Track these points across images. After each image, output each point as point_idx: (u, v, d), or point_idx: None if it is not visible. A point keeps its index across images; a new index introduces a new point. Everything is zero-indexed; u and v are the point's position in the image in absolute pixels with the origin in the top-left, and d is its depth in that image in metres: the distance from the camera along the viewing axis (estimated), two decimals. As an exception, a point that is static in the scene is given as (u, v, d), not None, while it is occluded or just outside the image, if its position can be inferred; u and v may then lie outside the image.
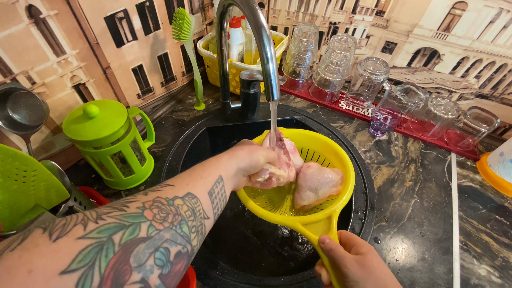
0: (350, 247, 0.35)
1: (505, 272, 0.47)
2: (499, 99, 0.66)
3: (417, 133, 0.68)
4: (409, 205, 0.55)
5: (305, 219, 0.40)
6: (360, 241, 0.35)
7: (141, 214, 0.22)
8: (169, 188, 0.26)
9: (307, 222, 0.40)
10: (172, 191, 0.26)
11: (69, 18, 0.46)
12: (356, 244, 0.34)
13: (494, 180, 0.59)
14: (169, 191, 0.26)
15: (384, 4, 0.66)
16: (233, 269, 0.45)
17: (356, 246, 0.34)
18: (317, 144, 0.52)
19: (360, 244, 0.34)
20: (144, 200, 0.23)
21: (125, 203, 0.22)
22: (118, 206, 0.22)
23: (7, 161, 0.30)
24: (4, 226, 0.34)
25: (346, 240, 0.36)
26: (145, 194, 0.25)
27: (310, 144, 0.53)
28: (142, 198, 0.24)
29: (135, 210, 0.22)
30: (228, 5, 0.44)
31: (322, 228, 0.39)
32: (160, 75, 0.69)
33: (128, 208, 0.22)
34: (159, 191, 0.25)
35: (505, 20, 0.57)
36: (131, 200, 0.23)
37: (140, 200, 0.23)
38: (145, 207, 0.22)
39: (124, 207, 0.22)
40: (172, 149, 0.61)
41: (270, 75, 0.36)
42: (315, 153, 0.53)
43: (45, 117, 0.44)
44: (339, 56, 0.65)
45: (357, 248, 0.34)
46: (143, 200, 0.23)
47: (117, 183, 0.54)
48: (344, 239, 0.37)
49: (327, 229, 0.39)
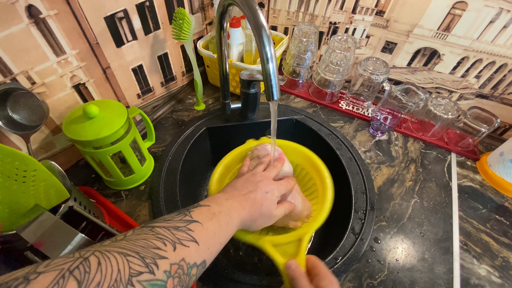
0: (314, 276, 0.34)
1: (505, 272, 0.47)
2: (499, 99, 0.66)
3: (417, 133, 0.67)
4: (409, 205, 0.55)
5: (275, 239, 0.40)
6: (324, 272, 0.34)
7: (165, 285, 0.22)
8: (193, 246, 0.26)
9: (277, 243, 0.40)
10: (196, 253, 0.26)
11: (69, 18, 0.46)
12: (319, 274, 0.34)
13: (494, 180, 0.59)
14: (193, 251, 0.26)
15: (384, 4, 0.66)
16: (233, 269, 0.45)
17: (318, 278, 0.34)
18: (300, 157, 0.52)
19: (323, 276, 0.34)
20: (173, 260, 0.23)
21: (156, 257, 0.22)
22: (149, 259, 0.22)
23: (7, 161, 0.30)
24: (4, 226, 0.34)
25: (312, 267, 0.36)
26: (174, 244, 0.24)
27: (295, 156, 0.53)
28: (171, 256, 0.23)
29: (162, 277, 0.22)
30: (228, 5, 0.44)
31: (291, 251, 0.39)
32: (160, 75, 0.69)
33: (158, 269, 0.22)
34: (185, 248, 0.25)
35: (505, 20, 0.57)
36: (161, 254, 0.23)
37: (170, 258, 0.23)
38: (170, 274, 0.22)
39: (153, 266, 0.21)
40: (172, 149, 0.61)
41: (270, 75, 0.36)
42: (297, 165, 0.53)
43: (45, 117, 0.44)
44: (339, 56, 0.65)
45: (318, 280, 0.33)
46: (172, 259, 0.23)
47: (117, 183, 0.54)
48: (310, 266, 0.36)
49: (295, 252, 0.38)
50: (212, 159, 0.77)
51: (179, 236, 0.25)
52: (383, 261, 0.47)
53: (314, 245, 0.62)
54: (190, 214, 0.29)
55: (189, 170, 0.63)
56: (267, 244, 0.39)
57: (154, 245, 0.23)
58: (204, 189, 0.74)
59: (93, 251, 0.20)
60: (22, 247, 0.34)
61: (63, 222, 0.34)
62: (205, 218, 0.29)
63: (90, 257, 0.19)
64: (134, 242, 0.23)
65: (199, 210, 0.30)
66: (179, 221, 0.27)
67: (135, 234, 0.24)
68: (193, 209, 0.30)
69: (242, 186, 0.38)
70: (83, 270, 0.18)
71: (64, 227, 0.34)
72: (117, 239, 0.23)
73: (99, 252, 0.20)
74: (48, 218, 0.34)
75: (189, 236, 0.26)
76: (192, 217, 0.28)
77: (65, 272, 0.18)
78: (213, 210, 0.31)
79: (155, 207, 0.52)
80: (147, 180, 0.57)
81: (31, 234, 0.33)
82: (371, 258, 0.47)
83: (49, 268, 0.18)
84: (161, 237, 0.24)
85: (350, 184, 0.56)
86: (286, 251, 0.39)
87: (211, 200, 0.33)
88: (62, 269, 0.18)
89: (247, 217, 0.34)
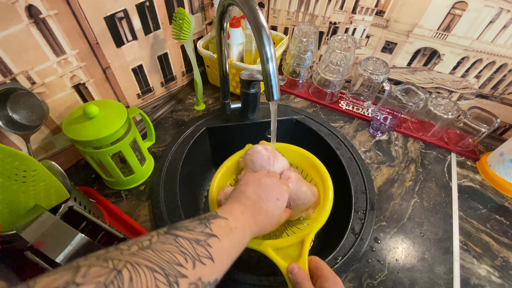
0: (317, 277, 0.34)
1: (505, 272, 0.47)
2: (499, 99, 0.66)
3: (417, 133, 0.67)
4: (409, 205, 0.55)
5: (276, 243, 0.40)
6: (327, 274, 0.34)
7: None
8: (210, 265, 0.26)
9: (279, 246, 0.39)
10: (211, 272, 0.26)
11: (69, 18, 0.46)
12: (322, 276, 0.34)
13: (494, 180, 0.59)
14: (208, 269, 0.26)
15: (384, 4, 0.66)
16: (233, 269, 0.45)
17: (321, 279, 0.33)
18: (300, 158, 0.52)
19: (326, 277, 0.33)
20: (191, 279, 0.23)
21: (178, 276, 0.22)
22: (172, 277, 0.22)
23: (7, 161, 0.30)
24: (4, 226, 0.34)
25: (314, 269, 0.36)
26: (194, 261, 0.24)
27: (294, 158, 0.53)
28: (191, 274, 0.24)
29: None
30: (228, 5, 0.44)
31: (293, 253, 0.38)
32: (160, 75, 0.69)
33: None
34: (203, 266, 0.25)
35: (505, 20, 0.57)
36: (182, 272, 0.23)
37: (189, 276, 0.23)
38: None
39: (175, 285, 0.22)
40: (172, 149, 0.61)
41: (270, 75, 0.36)
42: (298, 167, 0.53)
43: (45, 117, 0.44)
44: (339, 56, 0.65)
45: (322, 282, 0.33)
46: (191, 279, 0.23)
47: (117, 183, 0.54)
48: (312, 268, 0.36)
49: (298, 254, 0.38)
50: (212, 159, 0.77)
51: (199, 251, 0.26)
52: (383, 261, 0.47)
53: (314, 245, 0.62)
54: (210, 226, 0.29)
55: (189, 170, 0.63)
56: (268, 248, 0.39)
57: (177, 261, 0.23)
58: (204, 189, 0.74)
59: (125, 262, 0.21)
60: (22, 247, 0.34)
61: (63, 222, 0.34)
62: (223, 234, 0.29)
63: (123, 271, 0.20)
64: (160, 254, 0.23)
65: (218, 223, 0.30)
66: (200, 234, 0.27)
67: (160, 242, 0.24)
68: (213, 221, 0.30)
69: (254, 193, 0.37)
70: (117, 286, 0.19)
71: (64, 227, 0.34)
72: (143, 245, 0.23)
73: (130, 265, 0.21)
74: (48, 218, 0.34)
75: (207, 252, 0.26)
76: (212, 231, 0.28)
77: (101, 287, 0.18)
78: (230, 225, 0.31)
79: (155, 207, 0.52)
80: (147, 180, 0.57)
81: (31, 234, 0.33)
82: (371, 258, 0.47)
83: (86, 280, 0.18)
84: (184, 252, 0.25)
85: (350, 184, 0.56)
86: (289, 254, 0.38)
87: (228, 211, 0.33)
88: (99, 283, 0.18)
89: (258, 231, 0.35)
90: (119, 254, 0.22)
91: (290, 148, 0.53)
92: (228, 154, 0.53)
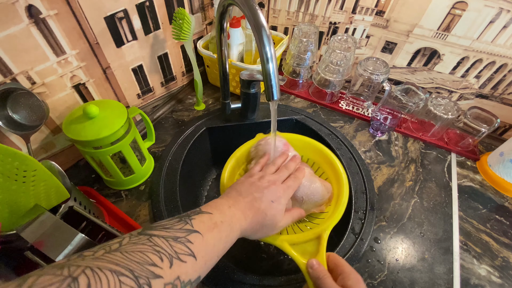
0: (337, 274, 0.33)
1: (505, 272, 0.47)
2: (499, 99, 0.66)
3: (417, 133, 0.67)
4: (409, 205, 0.55)
5: (293, 238, 0.39)
6: (348, 270, 0.33)
7: None
8: (191, 262, 0.25)
9: (295, 242, 0.38)
10: (192, 269, 0.25)
11: (69, 18, 0.46)
12: (343, 273, 0.33)
13: (494, 180, 0.59)
14: (189, 267, 0.24)
15: (384, 4, 0.66)
16: (233, 269, 0.45)
17: (343, 276, 0.33)
18: (313, 152, 0.51)
19: (348, 273, 0.33)
20: (168, 279, 0.22)
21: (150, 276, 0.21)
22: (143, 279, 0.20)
23: (7, 161, 0.30)
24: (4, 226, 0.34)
25: (334, 265, 0.35)
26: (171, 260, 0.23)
27: (306, 151, 0.51)
28: (167, 274, 0.22)
29: None
30: (228, 5, 0.44)
31: (310, 249, 0.38)
32: (160, 75, 0.69)
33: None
34: (182, 264, 0.24)
35: (505, 20, 0.57)
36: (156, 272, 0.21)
37: (165, 276, 0.22)
38: None
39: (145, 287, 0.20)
40: (172, 149, 0.61)
41: (270, 75, 0.36)
42: (309, 160, 0.52)
43: (45, 117, 0.44)
44: (339, 56, 0.65)
45: (344, 279, 0.32)
46: (167, 279, 0.22)
47: (117, 183, 0.54)
48: (331, 264, 0.35)
49: (315, 250, 0.37)
50: (212, 159, 0.77)
51: (177, 249, 0.24)
52: (383, 261, 0.47)
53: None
54: (191, 222, 0.28)
55: (189, 170, 0.63)
56: (285, 243, 0.38)
57: (150, 261, 0.22)
58: (204, 189, 0.74)
59: (84, 267, 0.19)
60: (22, 247, 0.34)
61: (63, 222, 0.34)
62: (206, 228, 0.28)
63: (79, 277, 0.18)
64: (129, 255, 0.21)
65: (200, 218, 0.29)
66: (179, 230, 0.26)
67: (131, 243, 0.23)
68: (194, 217, 0.29)
69: (247, 191, 0.36)
70: None
71: (64, 227, 0.34)
72: (112, 249, 0.22)
73: (90, 270, 0.19)
74: (48, 218, 0.34)
75: (187, 249, 0.25)
76: (193, 226, 0.27)
77: None
78: (215, 219, 0.30)
79: (155, 207, 0.52)
80: (147, 180, 0.57)
81: (31, 234, 0.33)
82: (371, 258, 0.47)
83: None
84: (158, 250, 0.23)
85: (350, 184, 0.56)
86: (306, 250, 0.38)
87: (214, 206, 0.32)
88: None
89: (248, 227, 0.33)
90: (80, 260, 0.20)
91: (303, 139, 0.51)
92: (228, 154, 0.53)
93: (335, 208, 0.42)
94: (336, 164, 0.47)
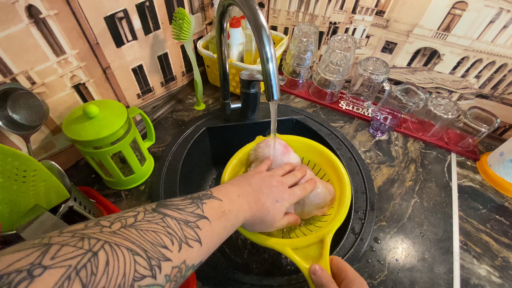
0: (341, 279, 0.33)
1: (505, 272, 0.47)
2: (499, 99, 0.66)
3: (417, 133, 0.67)
4: (409, 205, 0.55)
5: (295, 242, 0.38)
6: (352, 275, 0.33)
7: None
8: (196, 247, 0.25)
9: (298, 246, 0.38)
10: (197, 255, 0.25)
11: (69, 18, 0.46)
12: (347, 277, 0.33)
13: (494, 180, 0.59)
14: (195, 252, 0.25)
15: (384, 4, 0.66)
16: (233, 269, 0.45)
17: (346, 281, 0.32)
18: (314, 153, 0.51)
19: (352, 278, 0.32)
20: (176, 263, 0.23)
21: (161, 258, 0.21)
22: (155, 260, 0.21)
23: (7, 161, 0.30)
24: (4, 226, 0.34)
25: (337, 270, 0.35)
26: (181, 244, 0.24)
27: (306, 153, 0.51)
28: (175, 258, 0.23)
29: (162, 281, 0.21)
30: (228, 5, 0.44)
31: (313, 253, 0.37)
32: (160, 75, 0.69)
33: (160, 273, 0.21)
34: (189, 249, 0.24)
35: (505, 20, 0.57)
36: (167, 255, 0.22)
37: (173, 260, 0.22)
38: (169, 278, 0.22)
39: (157, 269, 0.21)
40: (172, 149, 0.61)
41: (270, 75, 0.36)
42: (310, 162, 0.52)
43: (45, 117, 0.44)
44: (339, 56, 0.65)
45: (348, 284, 0.32)
46: (175, 262, 0.23)
47: (117, 183, 0.54)
48: (335, 268, 0.35)
49: (318, 254, 0.37)
50: (212, 159, 0.77)
51: (187, 233, 0.25)
52: (383, 261, 0.47)
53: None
54: (202, 206, 0.28)
55: (189, 170, 0.63)
56: (287, 248, 0.37)
57: (162, 243, 0.22)
58: (204, 189, 0.74)
59: (104, 242, 0.19)
60: (22, 247, 0.34)
61: (63, 222, 0.34)
62: (214, 216, 0.28)
63: (99, 253, 0.18)
64: (145, 234, 0.22)
65: (211, 203, 0.29)
66: (190, 214, 0.26)
67: (146, 220, 0.23)
68: (206, 201, 0.29)
69: (257, 184, 0.36)
70: (90, 270, 0.17)
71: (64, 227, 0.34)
72: (127, 223, 0.22)
73: (109, 246, 0.19)
74: (48, 218, 0.34)
75: (195, 235, 0.25)
76: (203, 212, 0.28)
77: (72, 272, 0.17)
78: (224, 207, 0.30)
79: (155, 207, 0.51)
80: (147, 180, 0.57)
81: (31, 234, 0.33)
82: (371, 258, 0.47)
83: (56, 262, 0.17)
84: (170, 233, 0.24)
85: (350, 184, 0.56)
86: (309, 254, 0.37)
87: (224, 193, 0.32)
88: (69, 266, 0.17)
89: (250, 219, 0.34)
90: (98, 232, 0.20)
91: (303, 141, 0.51)
92: (228, 154, 0.53)
93: (338, 210, 0.42)
94: (338, 165, 0.47)
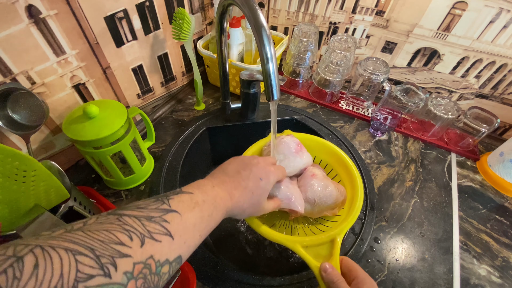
0: (351, 279, 0.33)
1: (505, 272, 0.47)
2: (499, 99, 0.66)
3: (417, 133, 0.68)
4: (409, 205, 0.55)
5: (306, 240, 0.38)
6: (362, 275, 0.33)
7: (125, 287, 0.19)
8: (167, 241, 0.23)
9: (308, 244, 0.38)
10: (169, 249, 0.23)
11: (69, 18, 0.46)
12: (357, 278, 0.32)
13: (494, 180, 0.59)
14: (165, 246, 0.23)
15: (384, 4, 0.66)
16: (233, 269, 0.45)
17: (357, 281, 0.32)
18: (327, 153, 0.50)
19: (362, 279, 0.32)
20: (138, 258, 0.20)
21: (115, 255, 0.19)
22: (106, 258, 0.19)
23: (7, 161, 0.30)
24: (4, 226, 0.33)
25: (347, 270, 0.34)
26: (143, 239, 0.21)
27: (319, 152, 0.51)
28: (137, 253, 0.20)
29: (120, 279, 0.19)
30: (228, 5, 0.44)
31: (324, 252, 0.37)
32: (160, 75, 0.69)
33: (116, 271, 0.19)
34: (156, 243, 0.22)
35: (505, 20, 0.57)
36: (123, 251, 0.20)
37: (134, 256, 0.20)
38: (132, 276, 0.20)
39: (110, 267, 0.18)
40: (172, 149, 0.61)
41: (270, 75, 0.36)
42: (322, 161, 0.51)
43: (45, 117, 0.44)
44: (339, 56, 0.65)
45: (358, 284, 0.32)
46: (137, 258, 0.20)
47: (117, 183, 0.54)
48: (345, 269, 0.35)
49: (329, 254, 0.37)
50: (212, 159, 0.77)
51: (151, 228, 0.23)
52: (383, 261, 0.47)
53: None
54: (168, 202, 0.26)
55: (189, 170, 0.63)
56: (297, 245, 0.38)
57: (116, 240, 0.20)
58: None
59: (34, 246, 0.17)
60: (22, 247, 0.34)
61: (63, 222, 0.34)
62: (185, 208, 0.26)
63: (25, 257, 0.16)
64: (93, 234, 0.19)
65: (180, 197, 0.27)
66: (154, 210, 0.24)
67: (98, 222, 0.21)
68: (173, 196, 0.27)
69: (233, 169, 0.35)
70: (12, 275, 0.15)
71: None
72: (73, 228, 0.20)
73: (39, 249, 0.17)
74: (48, 218, 0.34)
75: (162, 228, 0.23)
76: (171, 206, 0.26)
77: None
78: (196, 198, 0.28)
79: (155, 207, 0.51)
80: (147, 180, 0.57)
81: (31, 234, 0.33)
82: (371, 258, 0.47)
83: None
84: (128, 229, 0.21)
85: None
86: (319, 253, 0.37)
87: (196, 186, 0.30)
88: None
89: (235, 207, 0.32)
90: (33, 239, 0.18)
91: (317, 140, 0.50)
92: (228, 154, 0.53)
93: (349, 212, 0.41)
94: (351, 167, 0.46)
